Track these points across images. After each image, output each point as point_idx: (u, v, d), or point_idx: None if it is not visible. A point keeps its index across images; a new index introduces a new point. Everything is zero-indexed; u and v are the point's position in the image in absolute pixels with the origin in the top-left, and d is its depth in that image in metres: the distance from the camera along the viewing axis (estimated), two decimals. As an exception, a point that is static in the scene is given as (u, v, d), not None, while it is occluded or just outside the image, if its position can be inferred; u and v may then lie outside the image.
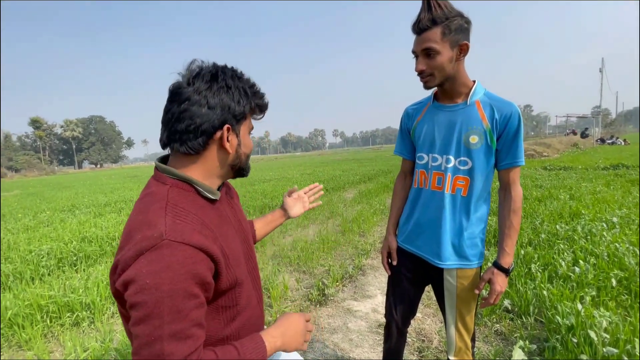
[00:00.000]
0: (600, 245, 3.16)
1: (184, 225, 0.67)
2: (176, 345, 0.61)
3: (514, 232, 1.14)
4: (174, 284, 0.61)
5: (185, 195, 0.74)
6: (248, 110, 0.79)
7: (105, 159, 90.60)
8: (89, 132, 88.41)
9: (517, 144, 1.10)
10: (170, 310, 0.61)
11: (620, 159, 11.39)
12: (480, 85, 1.17)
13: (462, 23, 1.03)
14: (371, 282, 3.00)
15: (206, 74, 0.75)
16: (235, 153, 0.80)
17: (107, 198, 9.68)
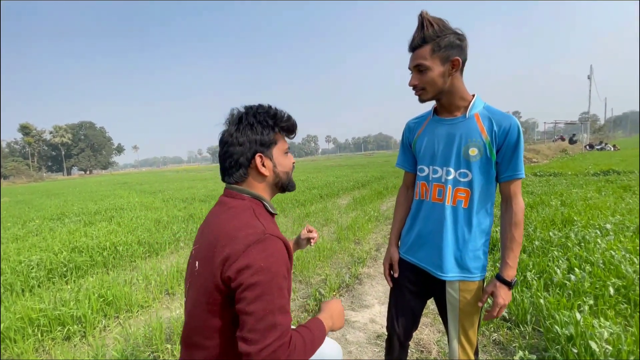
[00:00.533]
0: (595, 252, 3.19)
1: (273, 226, 0.91)
2: (283, 317, 0.80)
3: (516, 245, 1.13)
4: (278, 267, 0.82)
5: (259, 207, 0.96)
6: (273, 135, 0.97)
7: (95, 166, 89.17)
8: (79, 138, 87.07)
9: (517, 157, 1.11)
10: (277, 288, 0.80)
11: (610, 165, 11.61)
12: (480, 99, 1.19)
13: (453, 40, 1.07)
14: (368, 292, 2.98)
15: (235, 118, 0.96)
16: (273, 174, 0.99)
17: (97, 206, 9.50)
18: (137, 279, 3.55)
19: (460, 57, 1.09)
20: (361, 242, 4.55)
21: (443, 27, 1.08)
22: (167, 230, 5.48)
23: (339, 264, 3.77)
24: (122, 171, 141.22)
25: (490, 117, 1.13)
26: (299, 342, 0.84)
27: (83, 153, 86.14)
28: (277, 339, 0.78)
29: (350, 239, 4.65)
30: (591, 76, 33.91)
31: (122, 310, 2.90)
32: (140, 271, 3.78)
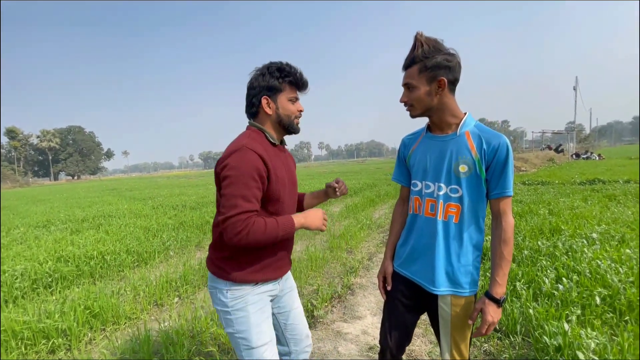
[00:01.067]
0: (581, 262, 3.25)
1: (255, 143, 1.21)
2: (244, 202, 1.13)
3: (505, 263, 1.15)
4: (246, 168, 1.14)
5: (259, 135, 1.28)
6: (279, 84, 1.26)
7: (83, 171, 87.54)
8: (67, 143, 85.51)
9: (506, 175, 1.14)
10: (243, 182, 1.13)
11: (595, 174, 11.90)
12: (471, 117, 1.23)
13: (441, 61, 1.12)
14: (360, 302, 2.98)
15: (256, 69, 1.30)
16: (275, 114, 1.29)
17: (84, 213, 9.31)
18: (125, 290, 3.48)
19: (447, 77, 1.14)
20: (353, 251, 4.55)
21: (433, 48, 1.13)
22: (157, 239, 5.40)
23: (331, 273, 3.76)
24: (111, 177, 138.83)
25: (480, 135, 1.17)
26: (260, 224, 1.14)
27: (71, 158, 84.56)
28: (237, 215, 1.11)
29: (342, 247, 4.65)
30: (577, 87, 34.94)
31: (109, 322, 2.84)
32: (129, 281, 3.71)
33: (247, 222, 1.12)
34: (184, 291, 3.41)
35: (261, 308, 1.30)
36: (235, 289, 1.27)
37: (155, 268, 4.30)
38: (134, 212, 8.84)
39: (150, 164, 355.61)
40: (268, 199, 1.24)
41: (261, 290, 1.32)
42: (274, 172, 1.22)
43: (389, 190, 11.18)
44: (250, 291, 1.28)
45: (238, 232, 1.11)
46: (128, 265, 4.30)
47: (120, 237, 5.60)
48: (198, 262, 4.27)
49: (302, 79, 1.30)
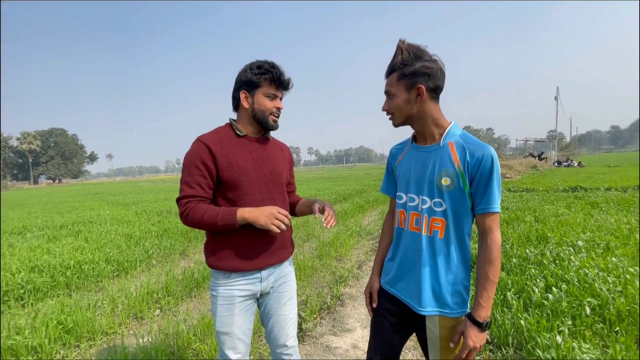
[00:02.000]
0: (569, 270, 3.26)
1: (208, 134, 1.34)
2: (186, 187, 1.28)
3: (489, 284, 1.07)
4: (191, 158, 1.29)
5: (225, 127, 1.39)
6: (257, 80, 1.31)
7: (65, 174, 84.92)
8: (48, 146, 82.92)
9: (490, 189, 1.07)
10: (187, 170, 1.29)
11: (577, 182, 12.20)
12: (457, 126, 1.17)
13: (419, 68, 1.07)
14: (350, 314, 2.89)
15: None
16: (251, 108, 1.36)
17: (63, 219, 8.94)
18: (102, 302, 3.29)
19: (426, 85, 1.09)
20: (343, 259, 4.47)
21: (413, 55, 1.09)
22: (139, 247, 5.19)
23: (319, 282, 3.66)
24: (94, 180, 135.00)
25: (465, 146, 1.10)
26: (198, 209, 1.25)
27: (52, 161, 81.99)
28: (180, 199, 1.29)
29: (331, 255, 4.56)
30: (558, 97, 36.12)
31: (84, 338, 2.66)
32: (107, 293, 3.52)
33: (188, 206, 1.26)
34: (166, 303, 3.25)
35: (228, 305, 1.34)
36: (214, 275, 1.37)
37: (136, 278, 4.12)
38: (116, 218, 8.54)
39: (136, 167, 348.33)
40: (224, 186, 1.32)
41: (234, 285, 1.34)
42: (226, 159, 1.29)
43: (378, 196, 11.17)
44: (222, 283, 1.34)
45: (180, 213, 1.27)
46: (107, 276, 4.09)
47: (99, 245, 5.36)
48: (182, 271, 4.11)
49: (281, 78, 1.34)
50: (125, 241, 5.63)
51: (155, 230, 6.38)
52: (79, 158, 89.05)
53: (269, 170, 1.41)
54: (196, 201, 1.27)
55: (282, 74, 1.34)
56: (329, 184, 18.45)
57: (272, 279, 1.43)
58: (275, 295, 1.46)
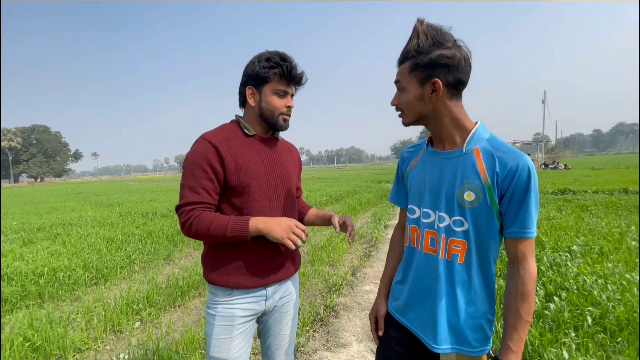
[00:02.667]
0: (567, 277, 3.18)
1: (213, 133, 1.17)
2: (190, 193, 1.11)
3: (521, 324, 0.88)
4: (194, 158, 1.12)
5: (232, 125, 1.23)
6: (265, 74, 1.15)
7: (47, 173, 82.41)
8: (30, 143, 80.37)
9: (526, 209, 0.87)
10: (189, 172, 1.12)
11: (565, 184, 12.34)
12: (484, 128, 0.97)
13: (437, 57, 0.88)
14: (345, 327, 2.73)
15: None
16: (258, 106, 1.20)
17: (41, 220, 8.51)
18: (76, 314, 3.05)
19: (444, 79, 0.89)
20: (336, 265, 4.31)
21: (432, 40, 0.88)
22: (121, 252, 4.92)
23: (312, 291, 3.49)
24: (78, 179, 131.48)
25: (494, 154, 0.90)
26: (205, 218, 1.09)
27: (34, 159, 79.48)
28: (182, 206, 1.11)
29: (324, 261, 4.40)
30: (545, 100, 36.82)
31: (53, 356, 2.43)
32: (82, 303, 3.28)
33: (191, 214, 1.09)
34: (147, 314, 3.03)
35: (227, 326, 1.16)
36: (213, 292, 1.21)
37: (115, 286, 3.86)
38: (98, 220, 8.18)
39: (122, 166, 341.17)
40: (230, 191, 1.16)
41: (236, 303, 1.18)
42: (234, 161, 1.14)
43: (370, 197, 11.07)
44: (222, 301, 1.18)
45: (182, 222, 1.10)
46: (84, 283, 3.83)
47: (78, 249, 5.07)
48: (166, 278, 3.88)
49: (293, 72, 1.18)
50: (106, 245, 5.34)
51: (139, 234, 6.09)
52: (62, 156, 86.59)
53: (279, 174, 1.26)
54: (201, 209, 1.11)
55: (294, 68, 1.18)
56: (321, 184, 18.28)
57: (277, 296, 1.27)
58: (277, 315, 1.30)
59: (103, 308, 3.08)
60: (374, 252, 4.90)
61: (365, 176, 28.11)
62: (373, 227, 6.60)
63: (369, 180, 21.15)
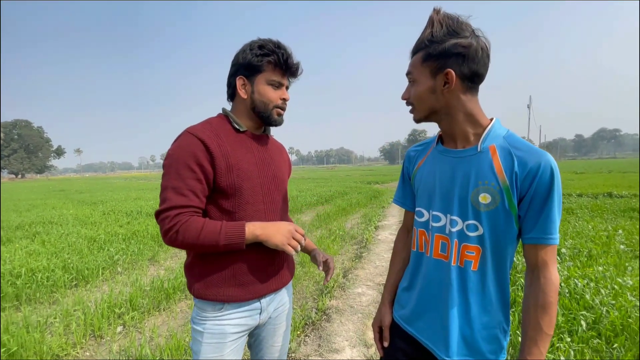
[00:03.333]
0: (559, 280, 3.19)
1: (201, 127, 1.04)
2: (175, 196, 0.97)
3: (542, 337, 0.80)
4: (180, 155, 0.98)
5: (220, 120, 1.10)
6: (258, 63, 1.04)
7: (29, 169, 79.81)
8: (11, 138, 77.71)
9: (549, 213, 0.80)
10: (175, 171, 0.98)
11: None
12: (500, 124, 0.90)
13: (450, 47, 0.81)
14: (337, 331, 2.65)
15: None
16: (250, 98, 1.08)
17: (20, 218, 8.16)
18: (54, 318, 2.88)
19: (458, 70, 0.83)
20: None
21: (447, 29, 0.82)
22: (103, 252, 4.72)
23: (303, 293, 3.40)
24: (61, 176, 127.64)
25: (512, 153, 0.83)
26: (194, 224, 0.95)
27: (15, 154, 76.90)
28: (165, 210, 0.96)
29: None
30: (530, 105, 37.72)
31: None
32: (61, 306, 3.11)
33: (177, 220, 0.94)
34: (130, 318, 2.88)
35: (217, 343, 1.05)
36: (200, 306, 1.08)
37: (97, 288, 3.69)
38: (80, 219, 7.88)
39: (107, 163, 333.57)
40: (219, 193, 1.04)
41: (227, 318, 1.06)
42: (225, 160, 1.02)
43: (360, 198, 11.05)
44: (211, 317, 1.05)
45: (165, 230, 0.95)
46: (63, 285, 3.64)
47: (58, 249, 4.85)
48: (151, 280, 3.73)
49: (289, 61, 1.07)
50: (87, 245, 5.13)
51: (123, 233, 5.88)
52: (44, 152, 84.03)
53: (272, 175, 1.15)
54: (189, 213, 0.97)
55: (289, 57, 1.07)
56: (310, 184, 18.20)
57: (271, 308, 1.17)
58: (270, 328, 1.19)
59: (83, 312, 2.93)
60: (365, 253, 4.85)
61: (354, 177, 28.17)
62: (364, 228, 6.56)
63: (359, 181, 21.18)
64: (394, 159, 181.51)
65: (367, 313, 2.94)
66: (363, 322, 2.78)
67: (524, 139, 1.06)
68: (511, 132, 0.89)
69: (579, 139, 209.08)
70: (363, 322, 2.79)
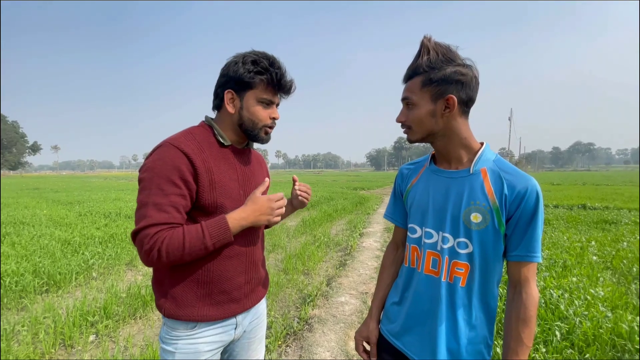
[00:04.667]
0: (535, 290, 3.28)
1: (184, 138, 0.98)
2: (156, 212, 0.89)
3: (522, 349, 0.86)
4: (162, 169, 0.92)
5: (204, 131, 1.05)
6: (250, 79, 1.00)
7: (1, 165, 76.17)
8: (-18, 132, 74.02)
9: (533, 233, 0.86)
10: (156, 186, 0.91)
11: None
12: (489, 149, 0.96)
13: (451, 74, 0.87)
14: (319, 341, 2.62)
15: (235, 55, 1.04)
16: (237, 114, 1.04)
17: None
18: (22, 326, 2.74)
19: (458, 95, 0.88)
20: (311, 274, 4.21)
21: (443, 57, 0.88)
22: (77, 256, 4.53)
23: (285, 301, 3.36)
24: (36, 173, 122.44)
25: (502, 176, 0.89)
26: (175, 237, 0.89)
27: (-14, 149, 73.18)
28: (144, 228, 0.88)
29: (299, 269, 4.28)
30: (511, 118, 39.03)
31: (-11, 376, 2.14)
32: (30, 313, 2.95)
33: (156, 238, 0.87)
34: (104, 327, 2.77)
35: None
36: (170, 325, 1.02)
37: (69, 295, 3.53)
38: (54, 220, 7.56)
39: (86, 161, 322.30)
40: (198, 210, 0.99)
41: (201, 337, 1.01)
42: (209, 176, 0.98)
43: (346, 204, 11.09)
44: (184, 335, 1.00)
45: (146, 251, 0.87)
46: (33, 291, 3.47)
47: (29, 252, 4.62)
48: (127, 286, 3.60)
49: (282, 80, 1.03)
50: (61, 248, 4.91)
51: (100, 236, 5.67)
52: (18, 148, 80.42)
53: (252, 191, 1.11)
54: (167, 229, 0.90)
55: (283, 76, 1.03)
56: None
57: (246, 322, 1.14)
58: (244, 342, 1.16)
59: (53, 319, 2.79)
60: (350, 260, 4.85)
61: (341, 182, 28.30)
62: (348, 234, 6.57)
63: (345, 187, 21.28)
64: (380, 165, 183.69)
65: (350, 323, 2.93)
66: (345, 332, 2.76)
67: (504, 150, 1.11)
68: (499, 157, 0.95)
69: (555, 152, 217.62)
70: (345, 332, 2.77)
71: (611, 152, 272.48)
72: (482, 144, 0.96)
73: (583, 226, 7.18)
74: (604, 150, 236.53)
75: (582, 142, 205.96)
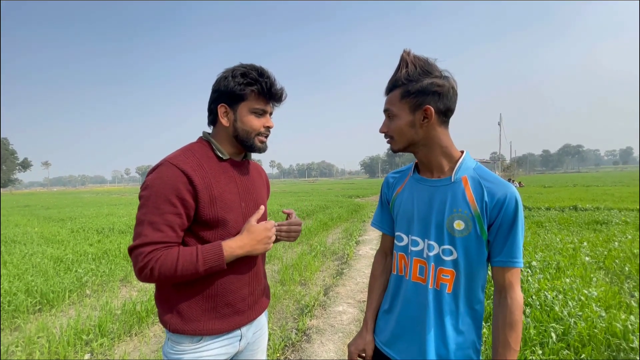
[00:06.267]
0: (530, 293, 3.31)
1: (183, 156, 1.01)
2: (151, 231, 0.93)
3: (510, 353, 0.88)
4: (161, 188, 0.94)
5: (202, 147, 1.08)
6: (241, 92, 1.02)
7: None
8: (-29, 150, 72.88)
9: (514, 239, 0.89)
10: (154, 205, 0.94)
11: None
12: (470, 157, 0.99)
13: (428, 85, 0.91)
14: (318, 352, 2.62)
15: (224, 70, 1.07)
16: (232, 126, 1.06)
17: (-21, 237, 7.60)
18: (15, 346, 2.68)
19: (435, 106, 0.92)
20: (308, 284, 4.20)
21: (421, 70, 0.92)
22: (70, 273, 4.46)
23: (283, 313, 3.35)
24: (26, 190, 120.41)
25: (482, 184, 0.92)
26: (168, 258, 0.92)
27: (-26, 167, 71.93)
28: (139, 247, 0.92)
29: (295, 280, 4.27)
30: (501, 122, 39.73)
31: (-19, 401, 2.09)
32: (23, 333, 2.90)
33: (151, 257, 0.91)
34: (99, 345, 2.73)
35: None
36: (174, 340, 1.03)
37: (62, 313, 3.47)
38: (46, 237, 7.45)
39: (77, 177, 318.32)
40: (200, 224, 1.01)
41: (206, 350, 1.03)
42: (209, 192, 1.00)
43: (341, 212, 11.11)
44: (190, 349, 1.01)
45: (140, 268, 0.91)
46: (26, 310, 3.40)
47: (20, 271, 4.54)
48: (122, 302, 3.55)
49: (273, 89, 1.06)
50: (53, 266, 4.84)
51: (93, 252, 5.59)
52: (8, 165, 79.18)
53: (253, 203, 1.14)
54: (163, 248, 0.93)
55: (273, 84, 1.06)
56: (292, 199, 18.13)
57: (250, 333, 1.15)
58: (248, 353, 1.17)
59: (47, 339, 2.74)
60: (346, 269, 4.85)
61: (336, 190, 28.35)
62: (345, 243, 6.58)
63: (340, 195, 21.32)
64: (374, 172, 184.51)
65: (348, 332, 2.93)
66: (344, 342, 2.76)
67: (495, 154, 1.15)
68: (479, 164, 0.98)
69: (546, 154, 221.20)
70: (344, 341, 2.77)
71: (600, 153, 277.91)
72: (463, 152, 0.99)
73: (575, 227, 7.28)
74: (592, 152, 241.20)
75: (571, 145, 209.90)
